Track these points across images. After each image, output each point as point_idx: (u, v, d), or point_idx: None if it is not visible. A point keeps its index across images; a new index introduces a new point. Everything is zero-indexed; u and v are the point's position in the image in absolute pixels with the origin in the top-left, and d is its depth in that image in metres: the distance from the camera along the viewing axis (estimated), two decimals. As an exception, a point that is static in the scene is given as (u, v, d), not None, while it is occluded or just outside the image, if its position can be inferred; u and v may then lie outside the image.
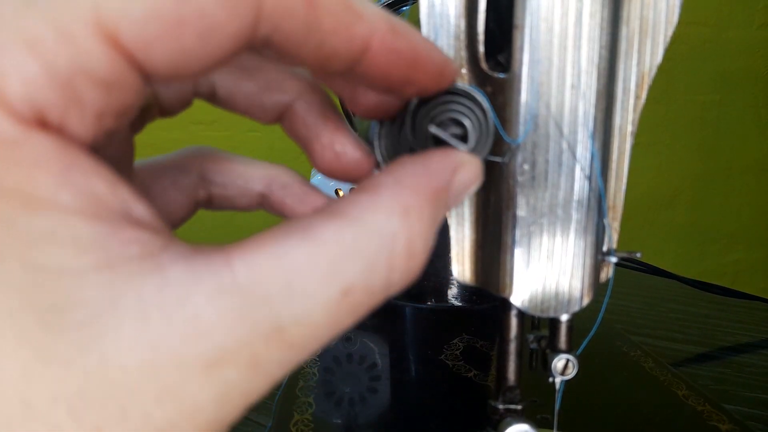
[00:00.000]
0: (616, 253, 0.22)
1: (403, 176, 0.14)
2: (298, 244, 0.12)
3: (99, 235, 0.10)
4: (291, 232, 0.12)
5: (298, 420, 0.35)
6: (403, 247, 0.13)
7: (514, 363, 0.24)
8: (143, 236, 0.11)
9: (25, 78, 0.10)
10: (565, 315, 0.22)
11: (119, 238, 0.10)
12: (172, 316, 0.10)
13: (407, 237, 0.13)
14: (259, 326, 0.11)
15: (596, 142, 0.20)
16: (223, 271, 0.11)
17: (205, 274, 0.11)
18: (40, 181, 0.10)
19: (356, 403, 0.37)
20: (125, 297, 0.10)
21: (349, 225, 0.12)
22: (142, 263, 0.10)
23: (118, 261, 0.10)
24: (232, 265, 0.11)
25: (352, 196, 0.13)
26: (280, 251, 0.11)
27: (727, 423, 0.35)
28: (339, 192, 0.52)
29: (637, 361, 0.43)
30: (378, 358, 0.44)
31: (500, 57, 0.21)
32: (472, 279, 0.23)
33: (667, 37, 0.22)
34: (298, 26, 0.12)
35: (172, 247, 0.11)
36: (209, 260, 0.11)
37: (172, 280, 0.10)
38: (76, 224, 0.10)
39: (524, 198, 0.20)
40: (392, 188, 0.13)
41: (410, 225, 0.13)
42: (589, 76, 0.20)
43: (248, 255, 0.11)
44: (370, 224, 0.13)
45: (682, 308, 0.63)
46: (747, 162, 1.20)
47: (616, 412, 0.37)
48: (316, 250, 0.12)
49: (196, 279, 0.11)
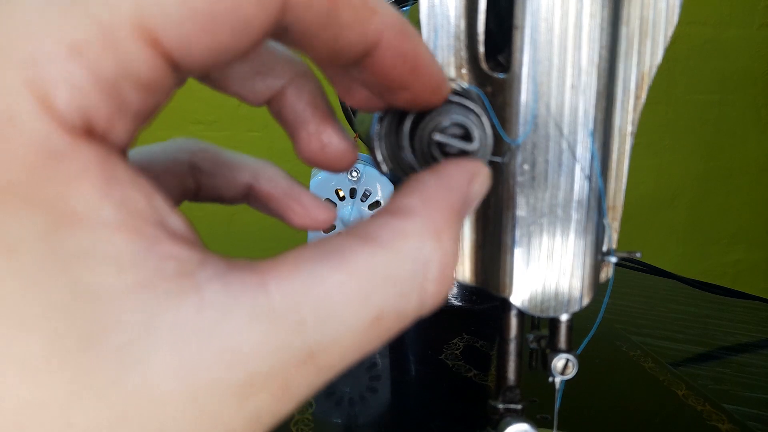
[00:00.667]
0: (616, 253, 0.22)
1: (430, 197, 0.14)
2: (333, 269, 0.12)
3: (138, 252, 0.10)
4: (325, 255, 0.12)
5: (298, 420, 0.35)
6: (437, 272, 0.13)
7: (514, 363, 0.24)
8: (180, 252, 0.11)
9: (74, 86, 0.10)
10: (565, 315, 0.22)
11: (157, 254, 0.10)
12: (209, 339, 0.10)
13: (441, 261, 0.13)
14: (293, 352, 0.11)
15: (596, 142, 0.20)
16: (258, 294, 0.11)
17: (241, 296, 0.11)
18: (83, 195, 0.10)
19: (356, 403, 0.37)
20: (163, 320, 0.10)
21: (382, 251, 0.12)
22: (180, 282, 0.10)
23: (156, 279, 0.10)
24: (268, 287, 0.11)
25: (383, 219, 0.13)
26: (314, 276, 0.11)
27: (726, 423, 0.35)
28: (339, 192, 0.52)
29: (637, 361, 0.43)
30: (378, 358, 0.44)
31: (500, 57, 0.21)
32: (472, 279, 0.23)
33: (667, 37, 0.22)
34: (319, 18, 0.12)
35: (208, 264, 0.11)
36: (245, 281, 0.11)
37: (208, 302, 0.10)
38: (117, 240, 0.10)
39: (524, 198, 0.20)
40: (422, 211, 0.13)
41: (444, 249, 0.13)
42: (589, 76, 0.20)
43: (283, 278, 0.11)
44: (404, 251, 0.13)
45: (682, 308, 0.63)
46: (747, 162, 1.20)
47: (616, 412, 0.37)
48: (350, 276, 0.12)
49: (232, 301, 0.10)
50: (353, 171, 0.50)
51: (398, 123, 0.19)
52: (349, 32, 0.13)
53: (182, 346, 0.10)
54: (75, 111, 0.10)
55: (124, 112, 0.10)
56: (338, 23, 0.12)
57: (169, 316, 0.10)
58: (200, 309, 0.10)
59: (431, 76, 0.15)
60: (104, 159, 0.10)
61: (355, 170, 0.50)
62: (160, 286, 0.10)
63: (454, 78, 0.21)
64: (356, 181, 0.50)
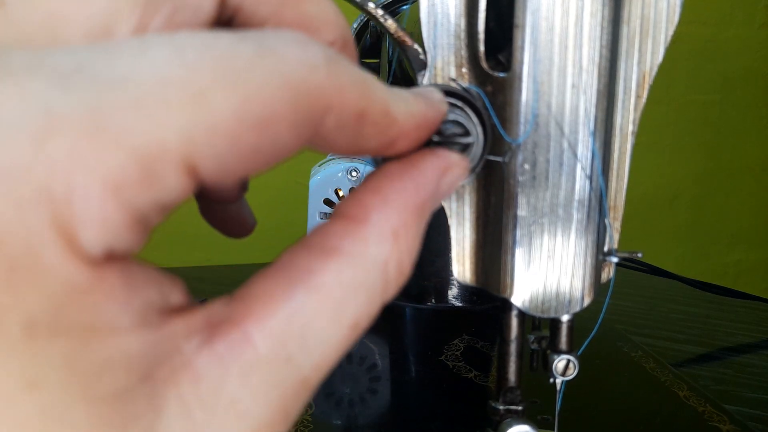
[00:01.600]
0: (617, 253, 0.22)
1: (390, 194, 0.14)
2: (306, 295, 0.12)
3: (145, 347, 0.10)
4: (293, 281, 0.12)
5: (298, 420, 0.35)
6: (394, 270, 0.13)
7: (514, 364, 0.24)
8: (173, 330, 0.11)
9: (104, 224, 0.09)
10: (566, 315, 0.22)
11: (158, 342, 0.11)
12: (212, 408, 0.11)
13: (398, 259, 0.13)
14: (288, 387, 0.12)
15: (597, 141, 0.20)
16: (245, 349, 0.11)
17: (229, 358, 0.11)
18: (104, 312, 0.10)
19: (356, 404, 0.37)
20: (169, 402, 0.10)
21: (346, 263, 0.13)
22: (173, 362, 0.11)
23: (155, 367, 0.10)
24: (252, 338, 0.11)
25: (342, 225, 0.13)
26: (291, 308, 0.12)
27: (728, 424, 0.35)
28: (339, 192, 0.52)
29: (638, 362, 0.43)
30: (378, 359, 0.43)
31: (501, 56, 0.21)
32: (473, 279, 0.23)
33: (668, 36, 0.22)
34: (346, 136, 0.13)
35: (192, 334, 0.11)
36: (229, 339, 0.11)
37: (202, 373, 0.11)
38: (128, 344, 0.10)
39: (525, 198, 0.20)
40: (380, 212, 0.14)
41: (399, 247, 0.14)
42: (590, 76, 0.20)
43: (263, 321, 0.11)
44: (365, 256, 0.13)
45: (683, 308, 0.63)
46: (748, 162, 1.20)
47: (617, 413, 0.37)
48: (323, 298, 0.12)
49: (222, 366, 0.11)
50: (353, 171, 0.49)
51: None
52: (370, 143, 0.13)
53: (191, 422, 0.10)
54: (100, 246, 0.09)
55: (147, 232, 0.10)
56: (362, 137, 0.13)
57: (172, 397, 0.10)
58: (197, 383, 0.11)
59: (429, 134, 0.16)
60: (124, 274, 0.10)
61: (355, 170, 0.50)
62: (159, 373, 0.10)
63: (455, 77, 0.21)
64: (356, 181, 0.50)
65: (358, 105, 0.12)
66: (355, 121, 0.12)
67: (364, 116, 0.12)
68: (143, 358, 0.10)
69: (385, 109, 0.13)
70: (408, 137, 0.14)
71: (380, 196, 0.14)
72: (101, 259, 0.10)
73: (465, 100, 0.19)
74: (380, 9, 0.20)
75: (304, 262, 0.13)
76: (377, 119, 0.13)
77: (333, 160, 0.53)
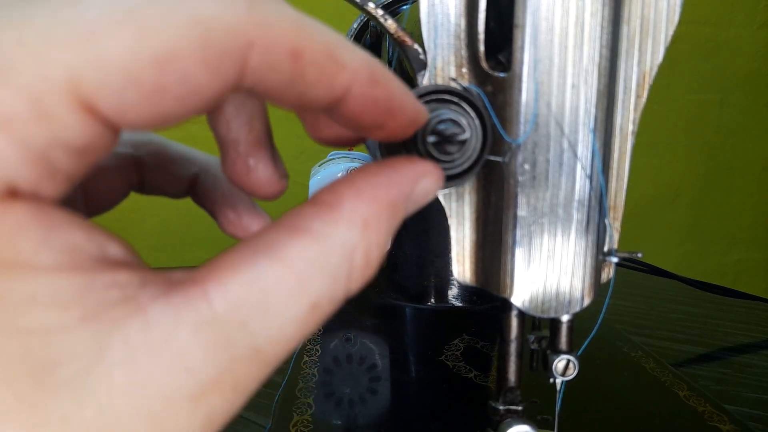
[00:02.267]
0: (617, 253, 0.22)
1: (364, 187, 0.14)
2: (268, 264, 0.12)
3: (80, 288, 0.10)
4: (260, 251, 0.12)
5: (298, 421, 0.34)
6: (361, 258, 0.13)
7: (514, 364, 0.24)
8: (121, 278, 0.11)
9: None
10: (566, 315, 0.22)
11: (99, 286, 0.11)
12: (158, 356, 0.11)
13: (365, 248, 0.13)
14: (239, 351, 0.11)
15: (597, 141, 0.20)
16: (201, 304, 0.11)
17: (184, 309, 0.11)
18: (20, 248, 0.10)
19: (356, 404, 0.37)
20: (112, 345, 0.10)
21: (313, 241, 0.13)
22: (124, 307, 0.11)
23: (100, 310, 0.10)
24: (209, 295, 0.11)
25: (314, 209, 0.13)
26: (251, 274, 0.12)
27: (728, 424, 0.35)
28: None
29: (638, 362, 0.43)
30: (378, 359, 0.43)
31: (501, 56, 0.21)
32: (473, 279, 0.23)
33: (668, 36, 0.22)
34: (282, 79, 0.12)
35: (149, 284, 0.11)
36: (186, 294, 0.11)
37: (154, 321, 0.11)
38: (57, 282, 0.10)
39: (525, 198, 0.20)
40: (352, 200, 0.14)
41: (368, 237, 0.14)
42: (590, 76, 0.20)
43: (223, 282, 0.12)
44: (333, 238, 0.13)
45: (683, 308, 0.63)
46: (748, 162, 1.20)
47: (617, 413, 0.37)
48: (285, 270, 0.12)
49: (176, 316, 0.11)
50: (353, 171, 0.49)
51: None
52: (316, 89, 0.13)
53: (134, 368, 0.10)
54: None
55: (53, 174, 0.10)
56: (303, 82, 0.12)
57: (117, 341, 0.10)
58: (147, 330, 0.11)
59: (406, 114, 0.15)
60: (37, 212, 0.10)
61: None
62: (105, 316, 0.10)
63: (455, 77, 0.21)
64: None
65: (289, 42, 0.12)
66: (289, 61, 0.12)
67: (300, 55, 0.12)
68: (80, 299, 0.10)
69: (328, 51, 0.12)
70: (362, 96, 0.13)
71: (354, 188, 0.14)
72: (2, 191, 0.10)
73: (466, 99, 0.19)
74: (380, 9, 0.20)
75: (271, 236, 0.13)
76: (318, 60, 0.12)
77: (333, 160, 0.53)
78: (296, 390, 0.38)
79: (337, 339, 0.46)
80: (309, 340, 0.46)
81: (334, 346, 0.45)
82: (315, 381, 0.39)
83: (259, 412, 0.40)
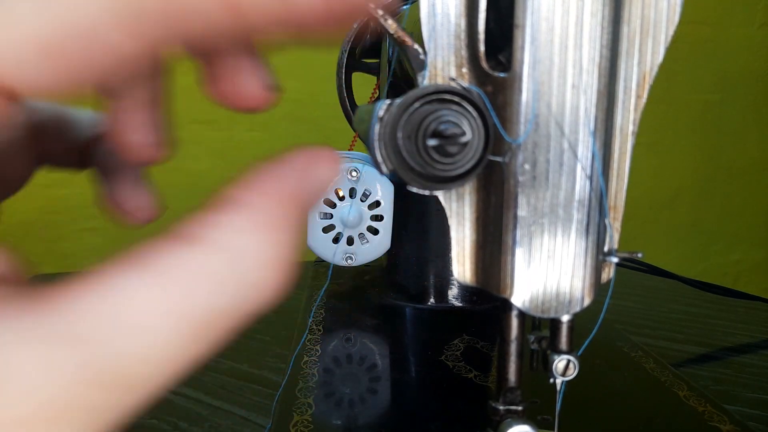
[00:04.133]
0: (617, 253, 0.22)
1: (253, 185, 0.13)
2: (133, 276, 0.11)
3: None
4: (128, 263, 0.11)
5: (298, 421, 0.34)
6: (256, 261, 0.12)
7: (514, 364, 0.24)
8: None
9: None
10: (566, 315, 0.22)
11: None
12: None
13: (260, 250, 0.12)
14: (90, 373, 0.10)
15: (597, 141, 0.20)
16: (43, 320, 0.10)
17: (24, 326, 0.10)
18: None
19: (356, 404, 0.37)
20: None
21: (197, 248, 0.12)
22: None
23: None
24: (55, 310, 0.10)
25: (202, 215, 0.12)
26: (108, 288, 0.11)
27: (728, 424, 0.35)
28: (339, 192, 0.52)
29: (638, 362, 0.43)
30: (378, 359, 0.43)
31: (501, 56, 0.21)
32: (473, 279, 0.23)
33: (668, 36, 0.22)
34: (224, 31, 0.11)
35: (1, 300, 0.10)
36: (32, 308, 0.10)
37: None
38: None
39: (525, 198, 0.20)
40: (241, 200, 0.13)
41: (259, 238, 0.12)
42: (590, 76, 0.20)
43: (72, 297, 0.10)
44: (220, 244, 0.12)
45: (683, 308, 0.63)
46: (748, 162, 1.20)
47: (617, 413, 0.37)
48: (154, 280, 0.11)
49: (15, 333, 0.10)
50: (353, 171, 0.49)
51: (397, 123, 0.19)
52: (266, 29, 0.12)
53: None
54: None
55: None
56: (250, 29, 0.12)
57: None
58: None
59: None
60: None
61: (355, 170, 0.49)
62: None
63: (455, 77, 0.21)
64: (356, 181, 0.50)
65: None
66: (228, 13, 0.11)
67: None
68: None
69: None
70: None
71: (245, 186, 0.13)
72: None
73: (467, 99, 0.19)
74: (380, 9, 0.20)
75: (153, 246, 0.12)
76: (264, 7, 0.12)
77: (333, 160, 0.53)
78: (296, 390, 0.38)
79: (337, 339, 0.46)
80: (309, 340, 0.46)
81: (334, 346, 0.45)
82: (315, 381, 0.39)
83: (259, 412, 0.40)
